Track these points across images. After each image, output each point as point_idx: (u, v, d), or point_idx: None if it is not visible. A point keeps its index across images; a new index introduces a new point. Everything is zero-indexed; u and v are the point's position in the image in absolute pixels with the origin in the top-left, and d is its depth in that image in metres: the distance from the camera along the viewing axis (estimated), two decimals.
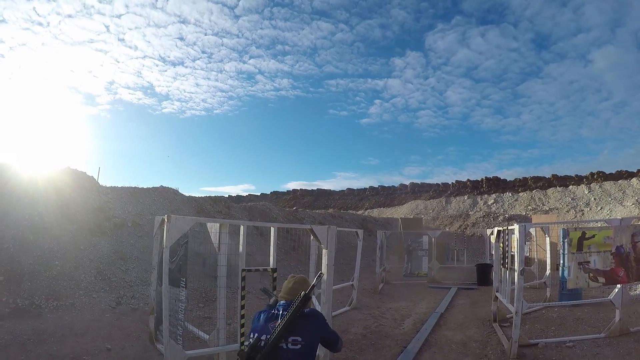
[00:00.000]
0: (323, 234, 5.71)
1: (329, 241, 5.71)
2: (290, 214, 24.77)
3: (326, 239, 5.68)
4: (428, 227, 33.34)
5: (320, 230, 5.71)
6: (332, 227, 5.80)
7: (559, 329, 8.39)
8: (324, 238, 5.70)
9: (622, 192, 33.98)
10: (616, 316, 7.51)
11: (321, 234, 5.71)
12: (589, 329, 8.14)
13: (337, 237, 17.93)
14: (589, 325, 8.50)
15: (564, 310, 9.93)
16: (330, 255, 5.71)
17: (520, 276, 6.58)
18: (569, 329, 8.30)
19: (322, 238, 5.72)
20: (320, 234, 5.71)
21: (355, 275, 11.05)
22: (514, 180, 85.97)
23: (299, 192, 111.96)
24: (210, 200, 20.58)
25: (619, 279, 7.55)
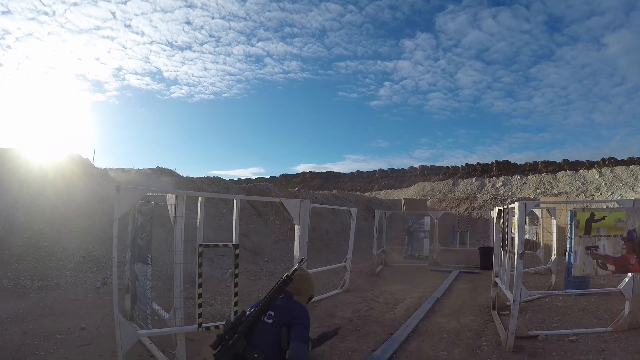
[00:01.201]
0: (294, 208, 5.11)
1: (301, 216, 5.10)
2: (292, 194, 24.20)
3: (298, 214, 5.07)
4: (434, 208, 32.68)
5: (292, 204, 5.11)
6: (305, 200, 5.18)
7: (563, 319, 7.75)
8: (296, 212, 5.10)
9: (634, 178, 33.06)
10: (626, 308, 6.83)
11: (292, 208, 5.11)
12: (595, 321, 7.51)
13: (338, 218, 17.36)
14: (595, 316, 7.84)
15: (569, 299, 9.30)
16: (303, 232, 5.12)
17: (520, 260, 5.92)
18: (573, 320, 7.66)
19: (294, 212, 5.12)
20: (292, 208, 5.11)
21: (348, 256, 10.46)
22: (524, 164, 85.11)
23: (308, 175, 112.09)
24: (208, 181, 20.15)
25: (630, 267, 6.85)
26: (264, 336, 2.72)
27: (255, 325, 2.75)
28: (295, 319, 2.79)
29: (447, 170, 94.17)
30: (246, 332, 2.70)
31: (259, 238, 16.51)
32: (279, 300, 2.86)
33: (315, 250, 17.81)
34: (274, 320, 2.77)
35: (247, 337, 2.70)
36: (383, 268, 14.46)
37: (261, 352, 2.60)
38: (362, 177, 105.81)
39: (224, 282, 11.31)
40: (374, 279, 12.57)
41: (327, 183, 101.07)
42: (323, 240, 19.12)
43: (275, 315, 2.79)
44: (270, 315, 2.79)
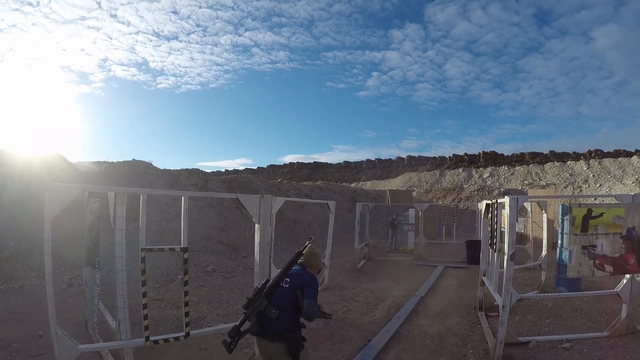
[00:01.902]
0: (254, 205, 4.40)
1: (262, 214, 4.41)
2: (274, 186, 23.47)
3: (258, 212, 4.37)
4: (420, 200, 32.22)
5: (250, 201, 4.40)
6: (267, 196, 4.49)
7: (554, 322, 7.21)
8: (255, 210, 4.39)
9: (622, 170, 32.89)
10: (623, 312, 6.31)
11: (251, 205, 4.40)
12: (590, 324, 7.00)
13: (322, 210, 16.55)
14: (589, 319, 7.32)
15: (561, 297, 8.78)
16: (265, 232, 4.44)
17: (510, 262, 5.30)
18: (565, 323, 7.13)
19: (253, 210, 4.42)
20: (250, 206, 4.40)
21: (326, 252, 9.76)
22: (511, 155, 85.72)
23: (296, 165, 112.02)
24: (187, 173, 19.32)
25: (628, 267, 6.30)
26: (281, 297, 3.34)
27: (275, 289, 3.37)
28: (307, 283, 3.40)
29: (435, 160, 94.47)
30: (268, 294, 3.33)
31: (237, 232, 15.81)
32: (294, 270, 3.51)
33: (297, 244, 17.15)
34: (289, 284, 3.40)
35: (269, 298, 3.32)
36: (366, 263, 13.86)
37: (277, 309, 3.25)
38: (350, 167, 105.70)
39: (197, 280, 10.65)
40: (356, 275, 11.94)
41: (314, 173, 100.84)
42: (305, 232, 18.46)
43: (290, 280, 3.42)
44: (287, 281, 3.42)
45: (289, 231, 18.02)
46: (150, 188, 15.67)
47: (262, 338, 3.34)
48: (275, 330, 3.28)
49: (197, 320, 7.42)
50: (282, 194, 22.70)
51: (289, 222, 18.80)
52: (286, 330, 3.29)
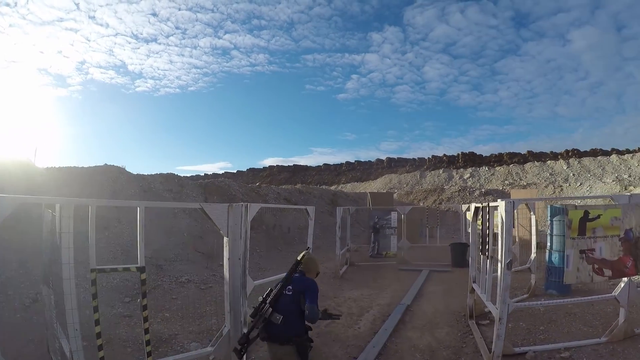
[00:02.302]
0: (221, 215, 3.86)
1: (231, 226, 3.87)
2: (253, 190, 22.83)
3: (226, 223, 3.83)
4: (401, 202, 31.88)
5: (217, 211, 3.85)
6: (237, 205, 3.95)
7: (549, 328, 6.83)
8: (223, 221, 3.85)
9: (601, 169, 33.28)
10: (620, 316, 5.98)
11: (218, 215, 3.86)
12: (586, 330, 6.63)
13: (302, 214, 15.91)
14: (584, 323, 6.96)
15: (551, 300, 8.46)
16: (235, 245, 3.88)
17: (507, 270, 4.87)
18: (561, 330, 6.76)
19: (220, 221, 3.88)
20: (217, 216, 3.86)
21: None
22: (490, 156, 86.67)
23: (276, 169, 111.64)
24: (161, 178, 18.53)
25: (626, 270, 5.96)
26: (285, 304, 3.56)
27: (279, 297, 3.58)
28: (308, 288, 3.65)
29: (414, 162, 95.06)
30: (273, 302, 3.55)
31: (214, 239, 15.14)
32: (294, 277, 3.75)
33: (276, 250, 16.61)
34: (292, 291, 3.64)
35: (273, 306, 3.53)
36: (348, 269, 13.35)
37: (281, 315, 3.47)
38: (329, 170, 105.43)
39: (171, 292, 10.01)
40: (338, 282, 11.41)
41: (294, 177, 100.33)
42: (285, 238, 17.90)
43: (292, 288, 3.66)
44: (289, 289, 3.65)
45: (267, 237, 17.41)
46: (123, 194, 14.97)
47: (271, 343, 3.58)
48: (282, 334, 3.51)
49: (168, 340, 6.84)
50: (261, 198, 22.09)
51: (268, 228, 18.19)
52: (293, 334, 3.54)
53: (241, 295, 6.39)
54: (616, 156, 34.58)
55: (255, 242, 16.50)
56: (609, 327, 6.20)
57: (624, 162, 34.99)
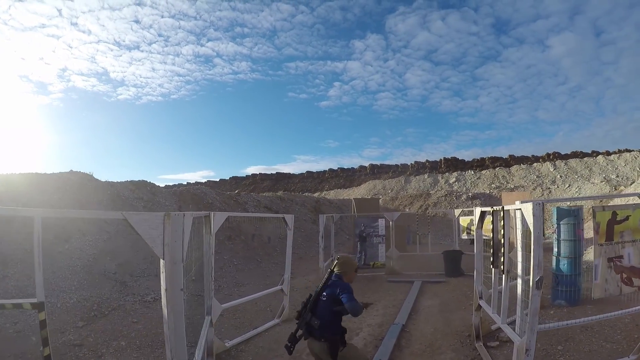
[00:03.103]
0: (152, 229, 2.75)
1: (168, 244, 2.76)
2: (231, 198, 21.63)
3: (161, 240, 2.73)
4: (386, 208, 31.00)
5: (146, 223, 2.74)
6: (176, 215, 2.85)
7: (568, 347, 5.89)
8: (156, 237, 2.74)
9: (588, 170, 33.10)
10: None
11: (148, 229, 2.74)
12: (609, 346, 5.73)
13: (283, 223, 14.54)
14: (604, 339, 6.03)
15: (560, 312, 7.55)
16: (174, 271, 2.78)
17: (537, 291, 3.85)
18: (581, 348, 5.86)
19: (152, 237, 2.76)
20: (147, 230, 2.74)
21: (285, 276, 8.02)
22: (472, 161, 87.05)
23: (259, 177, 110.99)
24: (132, 186, 17.26)
25: None
26: (322, 308, 3.96)
27: (317, 302, 4.02)
28: (340, 291, 3.89)
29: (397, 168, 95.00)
30: (312, 306, 4.01)
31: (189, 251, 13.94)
32: (330, 282, 4.10)
33: (255, 261, 15.45)
34: (326, 297, 3.97)
35: (312, 310, 4.00)
36: None
37: (318, 319, 3.91)
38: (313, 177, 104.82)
39: (132, 314, 8.83)
40: None
41: (277, 184, 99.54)
42: (265, 248, 16.72)
43: (327, 293, 3.99)
44: (324, 295, 4.00)
45: (246, 248, 16.24)
46: (89, 202, 13.74)
47: (311, 339, 3.97)
48: (319, 334, 3.89)
49: None
50: (240, 206, 20.95)
51: (247, 238, 17.02)
52: (329, 335, 3.89)
53: (205, 326, 5.28)
54: (602, 157, 34.46)
55: (232, 254, 15.36)
56: (632, 342, 5.56)
57: (610, 162, 34.76)
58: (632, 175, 30.76)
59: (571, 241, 8.17)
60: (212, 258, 5.51)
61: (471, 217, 14.16)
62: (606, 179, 28.32)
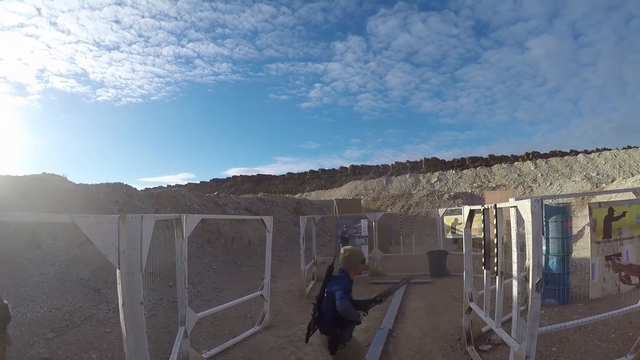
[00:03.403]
0: (105, 233, 2.35)
1: (124, 251, 2.38)
2: (210, 200, 21.12)
3: (116, 247, 2.34)
4: (368, 208, 30.77)
5: (98, 227, 2.35)
6: (133, 218, 2.46)
7: (563, 348, 5.70)
8: (110, 243, 2.35)
9: (569, 168, 33.49)
10: None
11: (100, 233, 2.35)
12: (604, 346, 5.57)
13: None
14: (599, 338, 5.86)
15: (551, 311, 7.42)
16: (132, 282, 2.39)
17: (537, 294, 3.56)
18: (576, 349, 5.67)
19: (105, 242, 2.36)
20: (98, 235, 2.34)
21: (265, 281, 7.63)
22: (452, 161, 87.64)
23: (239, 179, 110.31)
24: (107, 188, 16.63)
25: None
26: (325, 305, 3.90)
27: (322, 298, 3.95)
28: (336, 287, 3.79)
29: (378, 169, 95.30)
30: (318, 303, 3.96)
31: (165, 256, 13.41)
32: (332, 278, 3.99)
33: (235, 265, 14.99)
34: (327, 293, 3.91)
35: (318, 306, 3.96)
36: (315, 284, 11.84)
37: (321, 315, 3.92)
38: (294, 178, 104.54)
39: (106, 323, 8.35)
40: (305, 302, 9.86)
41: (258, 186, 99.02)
42: (245, 251, 16.27)
43: (327, 290, 3.91)
44: (325, 291, 3.94)
45: (226, 251, 15.76)
46: (62, 206, 13.14)
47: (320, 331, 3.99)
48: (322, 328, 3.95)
49: None
50: (219, 208, 20.45)
51: (227, 241, 16.55)
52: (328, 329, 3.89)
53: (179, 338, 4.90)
54: (583, 155, 35.06)
55: (212, 258, 14.88)
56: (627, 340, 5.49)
57: (591, 160, 35.15)
58: (613, 173, 31.29)
59: (560, 239, 7.98)
60: (185, 264, 5.11)
61: (455, 217, 13.93)
62: (587, 176, 28.70)
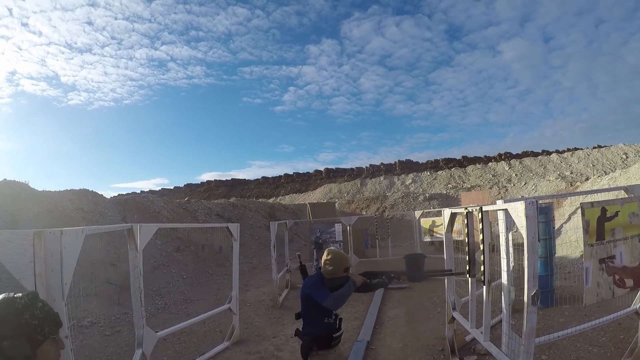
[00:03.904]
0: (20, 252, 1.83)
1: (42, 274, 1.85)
2: (180, 206, 20.38)
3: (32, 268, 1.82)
4: (343, 212, 30.38)
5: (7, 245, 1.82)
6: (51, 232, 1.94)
7: (553, 355, 5.36)
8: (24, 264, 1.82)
9: (543, 168, 33.93)
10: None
11: (11, 254, 1.82)
12: (596, 351, 5.28)
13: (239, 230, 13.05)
14: (589, 342, 5.56)
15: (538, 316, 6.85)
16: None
17: (532, 307, 3.14)
18: (567, 355, 5.34)
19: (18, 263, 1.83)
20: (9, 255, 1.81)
21: (233, 294, 7.05)
22: (426, 162, 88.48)
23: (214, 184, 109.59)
24: (71, 195, 15.75)
25: None
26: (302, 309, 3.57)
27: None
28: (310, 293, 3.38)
29: (352, 171, 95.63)
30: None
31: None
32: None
33: (206, 274, 14.35)
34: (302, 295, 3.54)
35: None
36: (289, 293, 11.29)
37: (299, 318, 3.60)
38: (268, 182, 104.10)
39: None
40: (277, 313, 9.34)
41: (232, 191, 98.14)
42: (216, 259, 15.61)
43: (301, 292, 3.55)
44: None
45: (196, 259, 15.10)
46: (23, 214, 12.34)
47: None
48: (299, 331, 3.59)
49: None
50: (190, 214, 19.73)
51: (197, 248, 15.88)
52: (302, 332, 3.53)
53: None
54: (556, 155, 35.70)
55: (181, 267, 14.20)
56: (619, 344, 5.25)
57: (564, 160, 35.67)
58: (586, 172, 31.82)
59: (544, 240, 7.67)
60: (140, 279, 4.55)
61: (433, 219, 13.60)
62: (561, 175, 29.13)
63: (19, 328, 1.47)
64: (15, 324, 1.46)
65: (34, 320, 1.51)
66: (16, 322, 1.46)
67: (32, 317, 1.51)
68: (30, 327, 1.50)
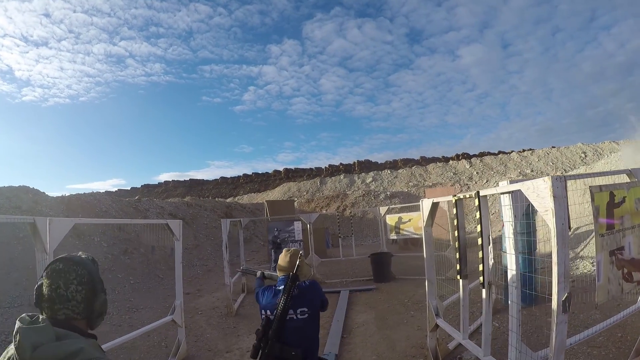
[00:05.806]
0: None
1: None
2: (130, 205, 18.99)
3: None
4: (302, 210, 29.59)
5: None
6: None
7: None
8: None
9: (504, 166, 34.53)
10: None
11: None
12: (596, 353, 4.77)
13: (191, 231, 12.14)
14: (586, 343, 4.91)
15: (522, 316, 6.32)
16: None
17: (563, 316, 2.39)
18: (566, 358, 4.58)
19: None
20: None
21: (176, 303, 6.02)
22: (384, 163, 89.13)
23: (172, 184, 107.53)
24: (9, 193, 14.30)
25: None
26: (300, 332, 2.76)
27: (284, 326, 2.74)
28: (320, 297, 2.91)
29: (312, 172, 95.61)
30: (277, 335, 2.70)
31: None
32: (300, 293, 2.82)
33: (157, 278, 13.19)
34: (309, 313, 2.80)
35: (279, 339, 2.71)
36: (245, 299, 10.27)
37: (297, 348, 2.67)
38: (227, 183, 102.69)
39: None
40: (232, 322, 8.29)
41: (191, 191, 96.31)
42: (167, 262, 14.43)
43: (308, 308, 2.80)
44: (304, 312, 2.79)
45: (146, 262, 13.90)
46: None
47: None
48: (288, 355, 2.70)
49: None
50: (140, 213, 18.40)
51: (147, 250, 14.66)
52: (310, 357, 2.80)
53: None
54: (516, 154, 36.64)
55: (129, 271, 12.99)
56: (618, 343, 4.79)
57: (524, 158, 36.48)
58: (547, 170, 32.40)
59: (526, 233, 7.04)
60: None
61: (399, 215, 12.90)
62: (522, 173, 29.56)
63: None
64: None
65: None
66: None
67: None
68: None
